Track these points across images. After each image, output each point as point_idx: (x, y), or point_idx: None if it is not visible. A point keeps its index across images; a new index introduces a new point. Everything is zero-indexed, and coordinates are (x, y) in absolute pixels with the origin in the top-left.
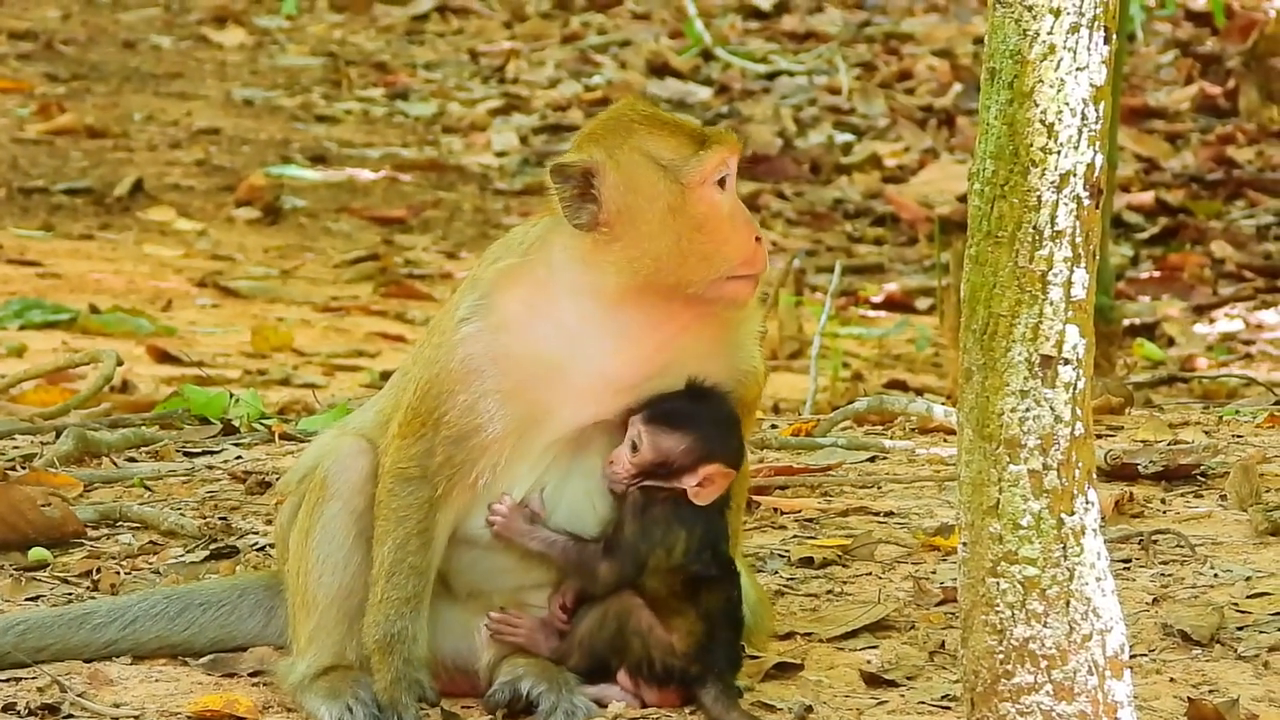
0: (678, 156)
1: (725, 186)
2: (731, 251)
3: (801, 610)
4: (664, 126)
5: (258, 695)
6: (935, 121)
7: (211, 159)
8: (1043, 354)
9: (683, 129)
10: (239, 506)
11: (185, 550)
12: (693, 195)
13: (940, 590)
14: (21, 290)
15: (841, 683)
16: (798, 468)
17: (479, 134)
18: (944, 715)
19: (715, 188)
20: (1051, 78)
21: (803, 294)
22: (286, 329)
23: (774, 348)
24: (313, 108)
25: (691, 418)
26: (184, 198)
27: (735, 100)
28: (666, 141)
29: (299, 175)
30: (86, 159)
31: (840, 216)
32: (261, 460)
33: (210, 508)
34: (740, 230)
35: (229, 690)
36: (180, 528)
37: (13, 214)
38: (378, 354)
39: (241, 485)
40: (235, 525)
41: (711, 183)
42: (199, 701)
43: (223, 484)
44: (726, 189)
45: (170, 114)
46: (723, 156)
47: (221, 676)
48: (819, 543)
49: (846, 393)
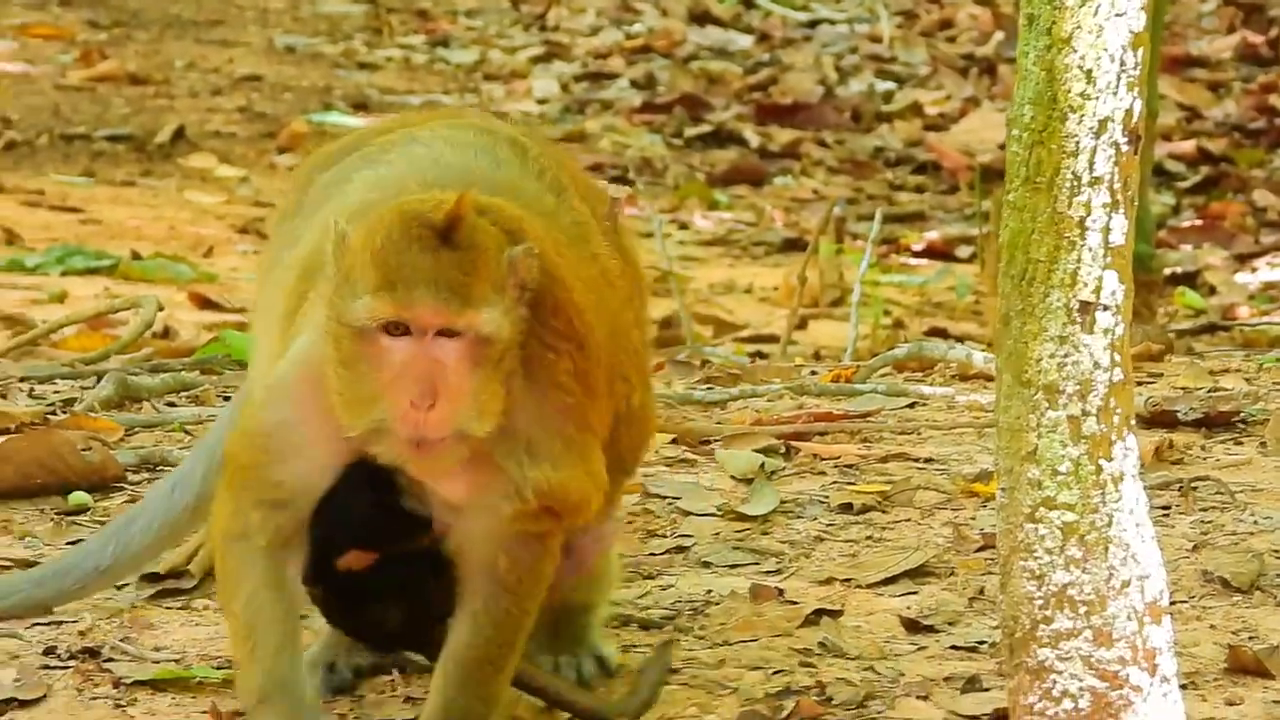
0: (351, 291)
1: (402, 337)
2: (383, 405)
3: (841, 556)
4: (380, 258)
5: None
6: (976, 69)
7: (253, 106)
8: (1081, 300)
9: (389, 266)
10: None
11: None
12: (351, 334)
13: (979, 536)
14: (63, 237)
15: (881, 628)
16: (837, 414)
17: (520, 81)
18: (983, 661)
19: (383, 335)
20: (1090, 23)
21: (843, 242)
22: None
23: (815, 295)
24: (354, 55)
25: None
26: (225, 145)
27: (776, 48)
28: (365, 274)
29: (340, 122)
30: (128, 106)
31: (881, 165)
32: None
33: None
34: (396, 389)
35: None
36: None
37: (54, 161)
38: None
39: None
40: None
41: (375, 330)
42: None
43: None
44: (405, 343)
45: (212, 61)
46: (395, 312)
47: None
48: (858, 489)
49: (887, 340)
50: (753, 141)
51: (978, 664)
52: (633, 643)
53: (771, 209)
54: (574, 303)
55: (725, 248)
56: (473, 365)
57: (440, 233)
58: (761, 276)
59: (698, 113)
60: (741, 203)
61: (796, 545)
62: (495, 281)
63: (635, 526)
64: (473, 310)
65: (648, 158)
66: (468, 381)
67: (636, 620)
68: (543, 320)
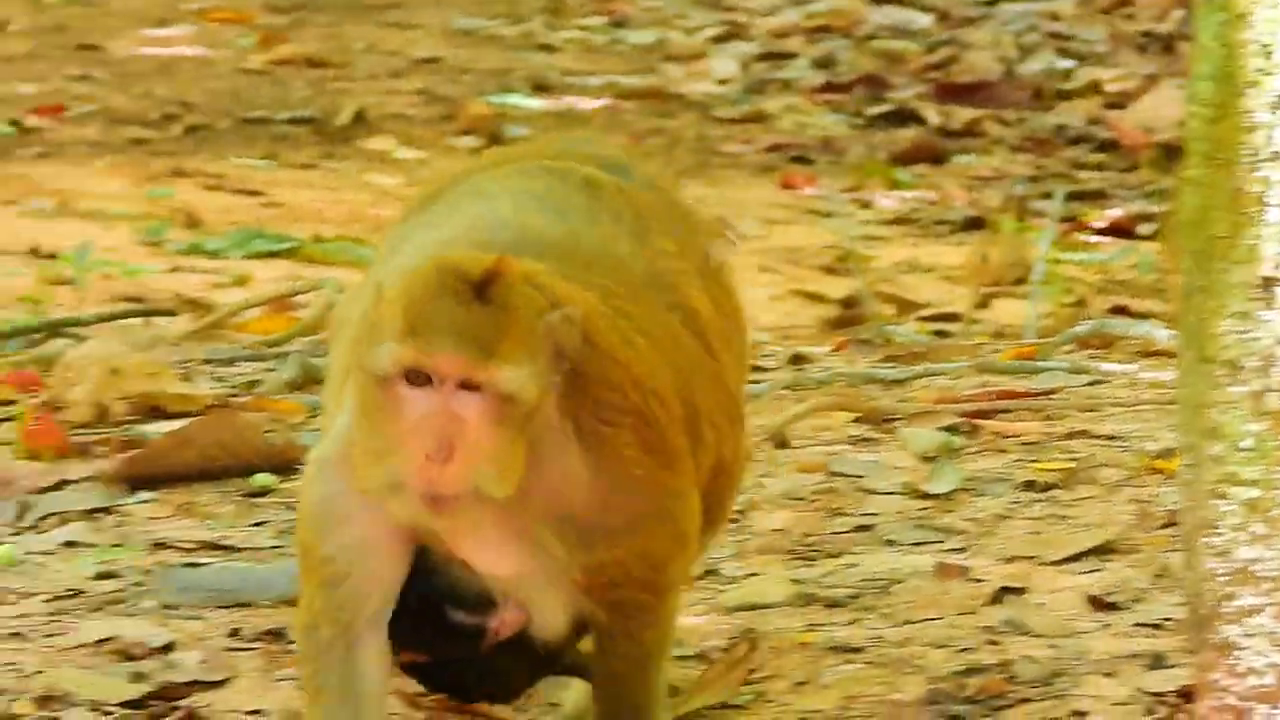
0: (379, 338)
1: (423, 388)
2: (395, 458)
3: (1024, 534)
4: (408, 305)
5: None
6: (1155, 46)
7: (432, 88)
8: (1262, 275)
9: (417, 314)
10: None
11: None
12: (374, 383)
13: (1163, 513)
14: (244, 220)
15: (1065, 606)
16: (1020, 392)
17: (699, 62)
18: (1168, 638)
19: (404, 384)
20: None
21: (1025, 220)
22: None
23: (997, 273)
24: (533, 37)
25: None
26: (405, 127)
27: (956, 27)
28: (392, 321)
29: (520, 104)
30: (308, 89)
31: (1061, 142)
32: None
33: None
34: (414, 442)
35: None
36: None
37: (235, 144)
38: None
39: None
40: None
41: (396, 378)
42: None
43: None
44: (426, 394)
45: (390, 43)
46: (416, 359)
47: None
48: (1041, 466)
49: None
50: (933, 120)
51: (1163, 641)
52: (817, 621)
53: (952, 187)
54: (629, 374)
55: (907, 226)
56: (493, 423)
57: (475, 287)
58: (943, 255)
59: (878, 92)
60: (923, 181)
61: (980, 523)
62: (526, 343)
63: (818, 505)
64: (495, 364)
65: (828, 137)
66: (487, 439)
67: (820, 599)
68: (594, 394)
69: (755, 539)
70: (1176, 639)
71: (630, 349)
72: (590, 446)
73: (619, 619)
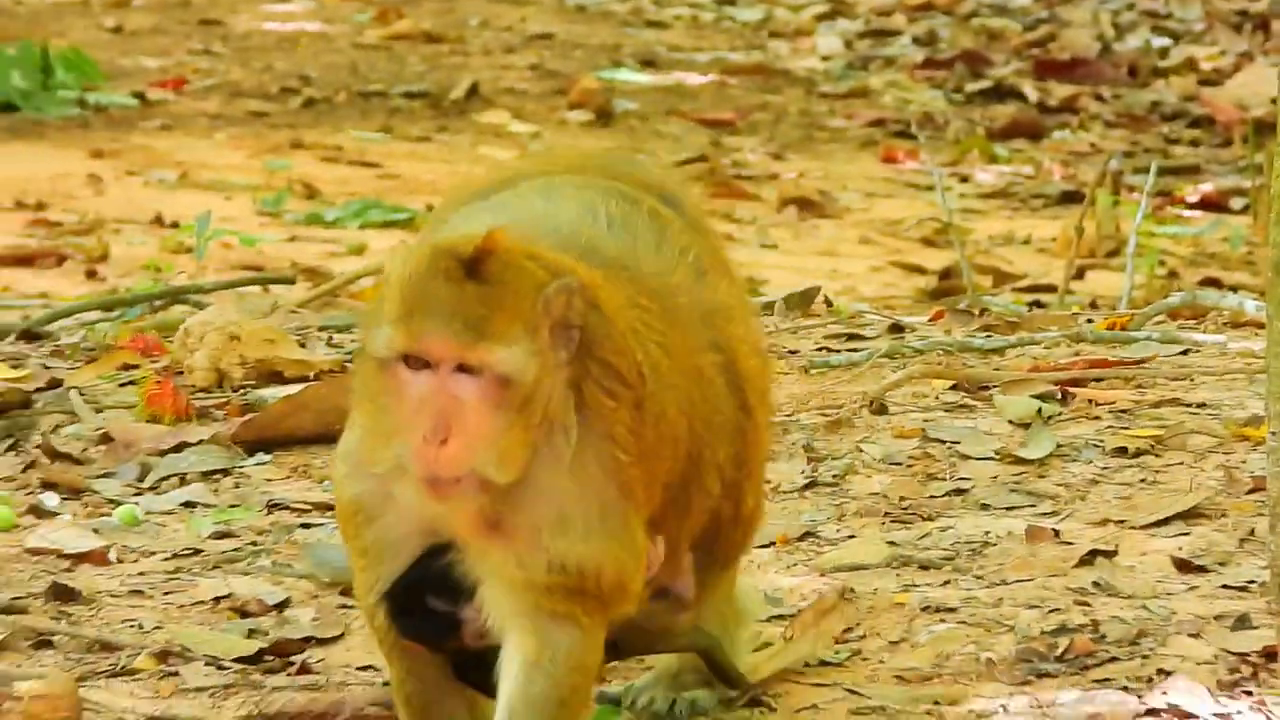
0: (379, 321)
1: (421, 371)
2: (398, 441)
3: (1115, 498)
4: (403, 288)
5: None
6: (1250, 25)
7: (544, 63)
8: None
9: (411, 296)
10: None
11: None
12: (375, 366)
13: (1250, 479)
14: (361, 191)
15: (1153, 568)
16: (1113, 360)
17: (805, 39)
18: (1253, 599)
19: (403, 367)
20: None
21: (1120, 194)
22: None
23: (1092, 246)
24: (642, 13)
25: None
26: (518, 101)
27: (1055, 5)
28: (389, 304)
29: (629, 79)
30: (423, 63)
31: (1156, 119)
32: None
33: None
34: (413, 424)
35: None
36: None
37: (353, 117)
38: None
39: None
40: None
41: (395, 362)
42: None
43: None
44: (425, 376)
45: (504, 19)
46: (410, 343)
47: None
48: (1132, 433)
49: (1161, 289)
50: (1031, 96)
51: (1248, 603)
52: (913, 582)
53: (1049, 162)
54: (631, 352)
55: (1004, 200)
56: (492, 406)
57: (466, 266)
58: (1040, 228)
59: (978, 68)
60: (1020, 156)
61: (1072, 488)
62: (524, 320)
63: (915, 470)
64: (488, 345)
65: (929, 112)
66: (486, 422)
67: (916, 561)
68: (598, 361)
69: (853, 502)
70: (1261, 601)
71: (642, 343)
72: (587, 419)
73: (545, 633)
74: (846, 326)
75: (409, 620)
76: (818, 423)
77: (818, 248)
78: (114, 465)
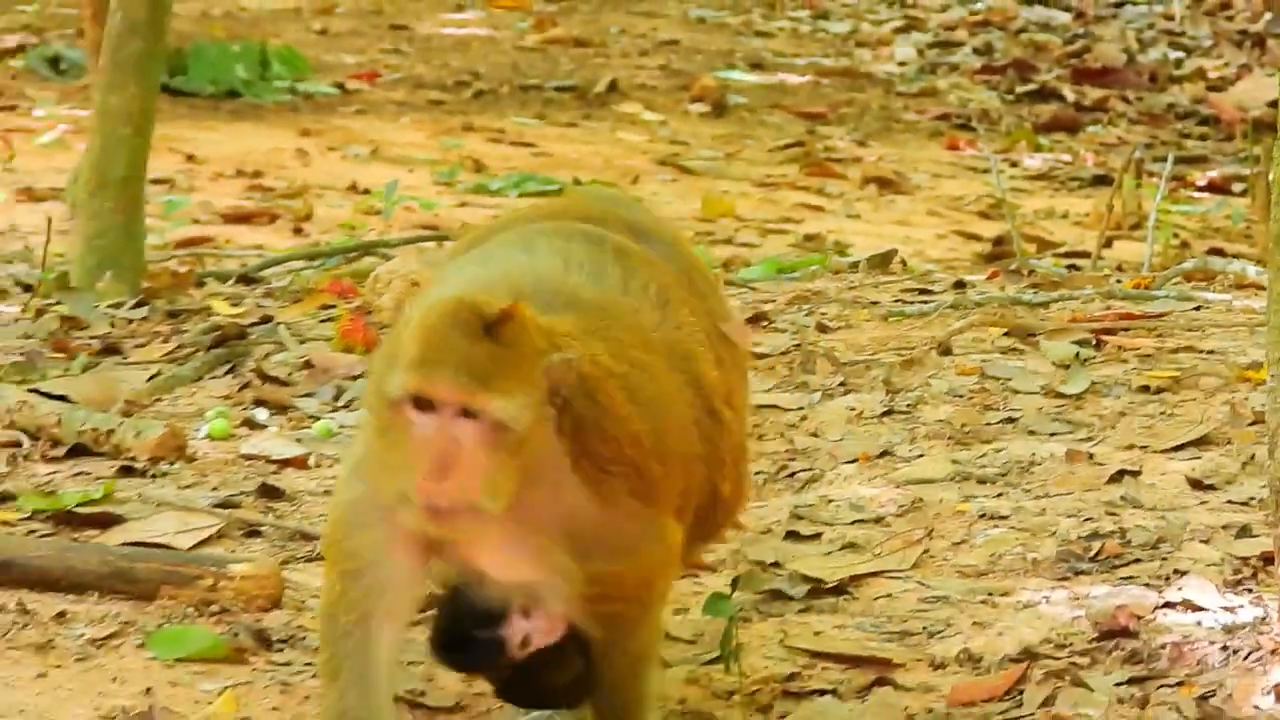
0: (393, 363)
1: (427, 414)
2: (402, 473)
3: (1139, 428)
4: (422, 336)
5: None
6: (1249, 42)
7: (671, 64)
8: None
9: (428, 344)
10: None
11: None
12: (387, 404)
13: (1252, 413)
14: (519, 166)
15: (1171, 486)
16: (1137, 314)
17: (884, 47)
18: (1253, 513)
19: (411, 407)
20: None
21: (1142, 178)
22: (729, 199)
23: (1118, 220)
24: (752, 25)
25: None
26: (649, 95)
27: (1089, 23)
28: (406, 349)
29: (740, 78)
30: (572, 63)
31: (1172, 117)
32: None
33: None
34: (417, 459)
35: None
36: None
37: (513, 106)
38: (801, 220)
39: None
40: None
41: (404, 402)
42: None
43: None
44: (430, 418)
45: (639, 28)
46: (420, 387)
47: None
48: (1154, 374)
49: (1176, 257)
50: (1069, 97)
51: (1249, 516)
52: (972, 494)
53: (1084, 151)
54: (627, 431)
55: (1047, 182)
56: (488, 448)
57: (486, 325)
58: (1075, 205)
59: (1026, 74)
60: (1060, 146)
61: (1104, 418)
62: (525, 380)
63: (974, 401)
64: (488, 395)
65: (985, 109)
66: (481, 462)
67: (975, 476)
68: (594, 446)
69: (923, 427)
70: (1260, 514)
71: (632, 405)
72: (588, 483)
73: (611, 630)
74: (918, 283)
75: (461, 657)
76: (894, 361)
77: (893, 218)
78: (314, 387)
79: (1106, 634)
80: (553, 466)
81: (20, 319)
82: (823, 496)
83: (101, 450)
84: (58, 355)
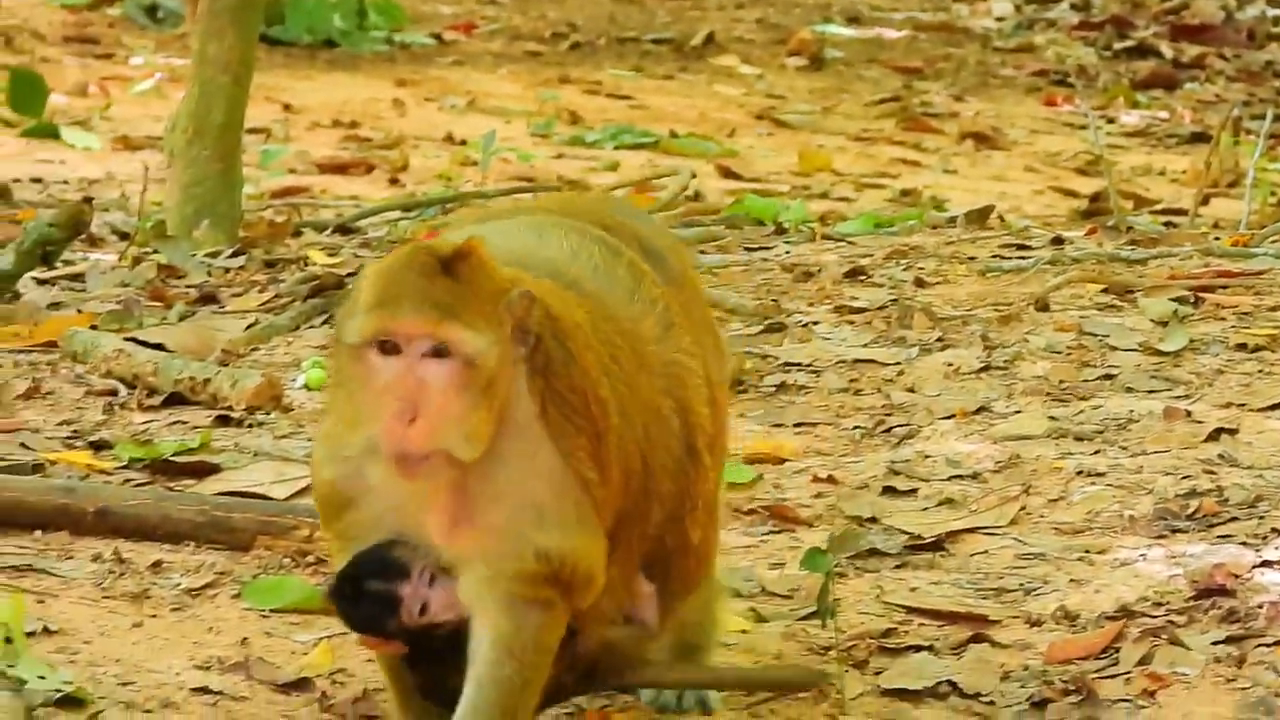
0: (351, 311)
1: (393, 356)
2: (369, 423)
3: (1237, 385)
4: (378, 279)
5: None
6: None
7: (769, 18)
8: None
9: (382, 288)
10: (787, 291)
11: (743, 325)
12: (348, 353)
13: None
14: (616, 118)
15: (1269, 444)
16: (1235, 271)
17: (982, 3)
18: None
19: (375, 352)
20: None
21: (1239, 135)
22: (826, 153)
23: (1216, 178)
24: None
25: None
26: (746, 48)
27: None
28: (364, 294)
29: (838, 32)
30: (669, 15)
31: (1270, 75)
32: (805, 255)
33: (764, 292)
34: (383, 405)
35: None
36: (741, 307)
37: (611, 58)
38: (898, 175)
39: (789, 274)
40: (784, 306)
41: (367, 347)
42: None
43: (774, 273)
44: (395, 361)
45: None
46: (383, 325)
47: None
48: (1252, 331)
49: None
50: (1167, 54)
51: None
52: (1069, 451)
53: (1181, 108)
54: (595, 386)
55: (1144, 138)
56: (458, 387)
57: (442, 262)
58: (1173, 162)
59: (1124, 30)
60: (1158, 103)
61: (1202, 376)
62: (488, 314)
63: (1072, 358)
64: (455, 327)
65: (1083, 66)
66: (452, 402)
67: (1072, 433)
68: (560, 392)
69: (1020, 383)
70: None
71: (604, 375)
72: (554, 437)
73: (520, 617)
74: (1016, 238)
75: (353, 608)
76: (991, 317)
77: (990, 173)
78: None
79: (1203, 592)
80: (522, 415)
81: (117, 267)
82: (919, 452)
83: (198, 399)
84: (154, 304)
